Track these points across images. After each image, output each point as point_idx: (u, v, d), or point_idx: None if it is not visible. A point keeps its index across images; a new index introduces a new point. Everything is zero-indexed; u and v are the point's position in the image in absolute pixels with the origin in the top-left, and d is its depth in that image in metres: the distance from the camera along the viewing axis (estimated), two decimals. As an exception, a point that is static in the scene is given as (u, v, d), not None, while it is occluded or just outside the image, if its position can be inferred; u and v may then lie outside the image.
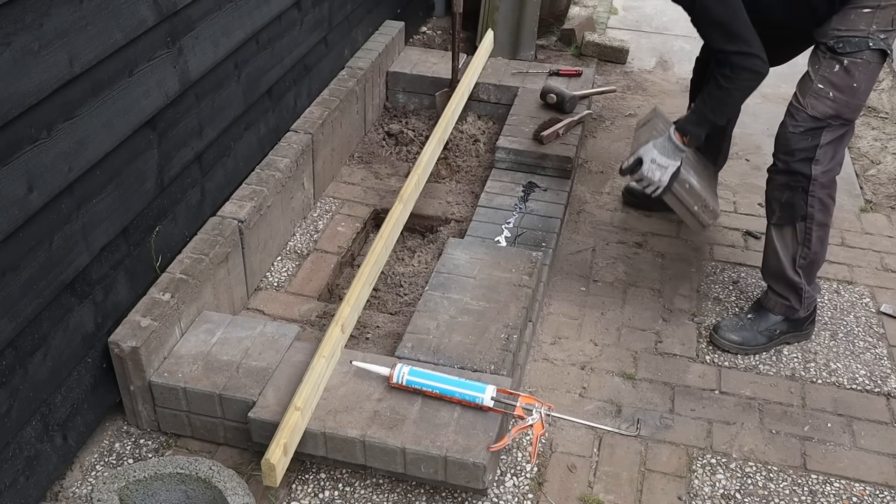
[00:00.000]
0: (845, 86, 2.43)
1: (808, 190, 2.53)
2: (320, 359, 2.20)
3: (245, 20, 2.62)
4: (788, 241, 2.64)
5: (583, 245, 3.22)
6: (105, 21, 1.94)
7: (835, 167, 2.55)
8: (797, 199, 2.56)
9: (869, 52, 2.40)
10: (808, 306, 2.72)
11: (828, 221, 2.62)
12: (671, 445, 2.39)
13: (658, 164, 2.62)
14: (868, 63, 2.42)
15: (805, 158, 2.50)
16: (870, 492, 2.28)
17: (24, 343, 1.88)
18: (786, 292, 2.70)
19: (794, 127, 2.50)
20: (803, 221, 2.58)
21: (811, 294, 2.71)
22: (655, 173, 2.62)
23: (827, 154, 2.51)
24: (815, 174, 2.51)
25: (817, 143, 2.48)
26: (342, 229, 3.17)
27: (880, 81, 4.69)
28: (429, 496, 2.19)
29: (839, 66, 2.42)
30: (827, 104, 2.45)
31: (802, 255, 2.63)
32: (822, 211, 2.57)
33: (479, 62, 3.83)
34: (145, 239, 2.30)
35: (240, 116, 2.71)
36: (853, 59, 2.40)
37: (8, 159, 1.72)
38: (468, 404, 2.16)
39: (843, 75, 2.42)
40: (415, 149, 3.69)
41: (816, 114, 2.46)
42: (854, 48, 2.39)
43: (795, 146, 2.50)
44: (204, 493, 2.00)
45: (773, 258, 2.69)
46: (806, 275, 2.67)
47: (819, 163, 2.50)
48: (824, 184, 2.54)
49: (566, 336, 2.78)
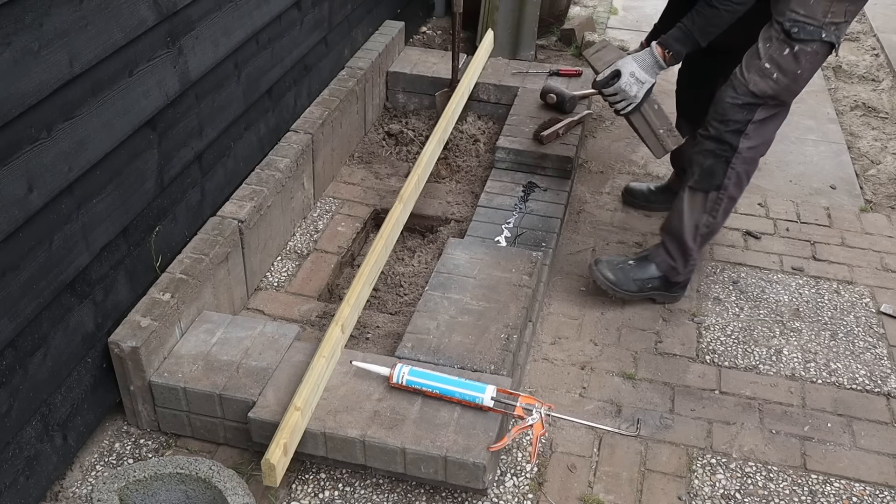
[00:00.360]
0: (790, 71, 2.49)
1: (730, 161, 2.60)
2: (320, 359, 2.20)
3: (245, 20, 2.62)
4: (698, 206, 2.71)
5: (583, 245, 3.22)
6: (105, 21, 1.94)
7: (761, 147, 2.63)
8: (718, 168, 2.62)
9: (819, 44, 2.46)
10: (689, 272, 2.81)
11: (737, 196, 2.71)
12: (671, 445, 2.39)
13: (637, 79, 2.63)
14: (816, 53, 2.48)
15: (736, 130, 2.56)
16: (870, 492, 2.28)
17: (24, 343, 1.88)
18: (676, 254, 2.78)
19: (734, 98, 2.55)
20: (717, 191, 2.65)
21: (695, 263, 2.80)
22: (633, 87, 2.63)
23: (758, 130, 2.58)
24: (741, 147, 2.58)
25: (751, 118, 2.55)
26: (342, 229, 3.17)
27: (880, 82, 4.69)
28: (429, 496, 2.19)
29: (789, 51, 2.46)
30: (769, 84, 2.51)
31: (706, 224, 2.72)
32: (737, 185, 2.66)
33: (479, 62, 3.83)
34: (145, 239, 2.30)
35: (240, 116, 2.71)
36: (804, 46, 2.45)
37: (8, 159, 1.72)
38: (468, 404, 2.16)
39: (791, 60, 2.47)
40: (415, 149, 3.69)
41: (757, 90, 2.52)
42: (808, 36, 2.44)
43: (731, 117, 2.56)
44: (204, 493, 2.00)
45: (676, 219, 2.76)
46: (702, 244, 2.76)
47: (748, 137, 2.57)
48: (746, 159, 2.61)
49: (566, 336, 2.78)
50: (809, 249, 3.24)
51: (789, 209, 3.49)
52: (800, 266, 3.14)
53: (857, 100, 4.49)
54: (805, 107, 4.39)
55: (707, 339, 2.78)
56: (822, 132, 4.15)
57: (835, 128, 4.19)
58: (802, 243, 3.28)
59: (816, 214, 3.46)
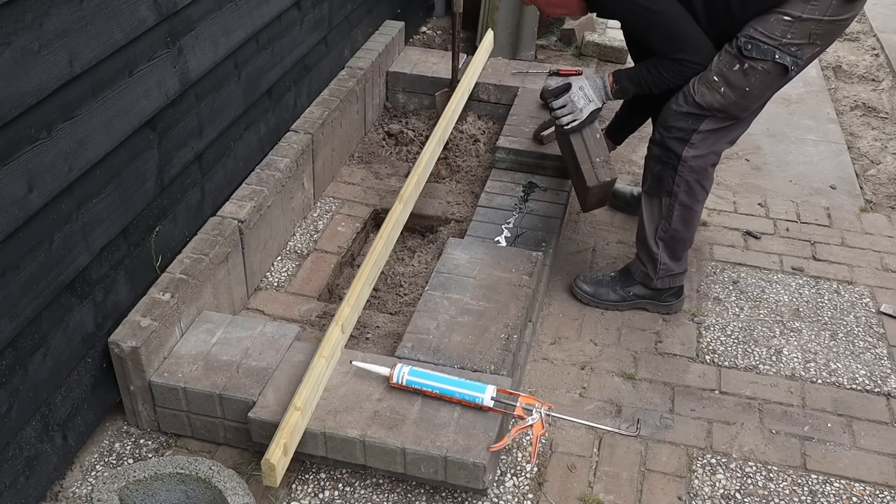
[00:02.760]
0: (738, 86, 2.46)
1: (676, 169, 2.59)
2: (320, 359, 2.20)
3: (245, 20, 2.62)
4: (654, 211, 2.72)
5: (583, 245, 3.22)
6: (105, 21, 1.94)
7: (710, 155, 2.59)
8: (666, 175, 2.62)
9: (771, 64, 2.42)
10: (665, 279, 2.80)
11: (693, 205, 2.67)
12: (671, 445, 2.39)
13: (585, 94, 2.68)
14: (767, 73, 2.44)
15: (679, 138, 2.55)
16: (870, 492, 2.28)
17: (24, 343, 1.88)
18: (645, 259, 2.79)
19: (678, 107, 2.55)
20: (668, 197, 2.65)
21: (670, 268, 2.77)
22: (580, 100, 2.68)
23: (705, 141, 2.56)
24: (685, 156, 2.56)
25: (696, 128, 2.53)
26: (342, 229, 3.17)
27: (880, 82, 4.69)
28: (429, 496, 2.19)
29: (739, 66, 2.44)
30: (716, 97, 2.49)
31: (663, 229, 2.71)
32: (688, 193, 2.63)
33: (479, 62, 3.83)
34: (145, 239, 2.30)
35: (240, 116, 2.71)
36: (754, 64, 2.43)
37: (8, 159, 1.72)
38: (468, 404, 2.16)
39: (740, 76, 2.45)
40: (415, 149, 3.69)
41: (703, 102, 2.51)
42: (759, 55, 2.41)
43: (674, 124, 2.55)
44: (204, 493, 2.00)
45: (640, 224, 2.79)
46: (666, 249, 2.74)
47: (693, 146, 2.55)
48: (694, 168, 2.58)
49: (566, 336, 2.78)
50: (809, 249, 3.24)
51: (789, 209, 3.49)
52: (800, 266, 3.14)
53: (857, 100, 4.50)
54: (805, 107, 4.39)
55: (707, 339, 2.78)
56: (822, 132, 4.15)
57: (835, 128, 4.19)
58: (802, 243, 3.28)
59: (816, 214, 3.46)
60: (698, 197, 2.66)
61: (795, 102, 4.43)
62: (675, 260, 2.77)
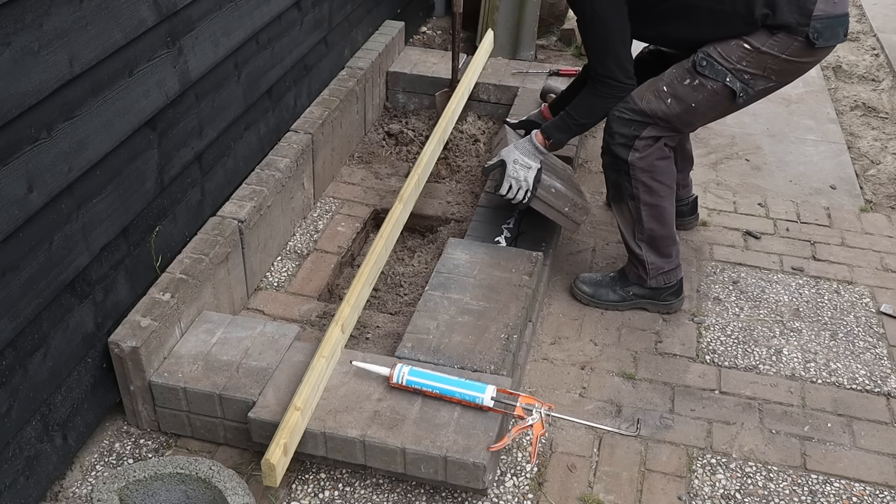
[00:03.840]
0: (685, 101, 2.51)
1: (629, 173, 2.62)
2: (320, 359, 2.20)
3: (245, 20, 2.62)
4: (626, 216, 2.75)
5: (583, 245, 3.22)
6: (105, 21, 1.94)
7: (656, 152, 2.62)
8: (622, 181, 2.66)
9: (721, 86, 2.46)
10: (658, 277, 2.81)
11: (658, 202, 2.69)
12: (671, 445, 2.39)
13: (521, 164, 2.71)
14: (715, 94, 2.48)
15: (624, 144, 2.58)
16: (870, 492, 2.28)
17: (24, 343, 1.88)
18: (634, 261, 2.82)
19: (620, 112, 2.57)
20: (632, 200, 2.68)
21: (660, 266, 2.79)
22: (520, 172, 2.71)
23: (648, 146, 2.59)
24: (632, 160, 2.59)
25: (638, 134, 2.57)
26: (342, 229, 3.17)
27: (880, 82, 4.69)
28: (429, 496, 2.19)
29: (689, 81, 2.48)
30: (661, 106, 2.52)
31: (639, 231, 2.74)
32: (648, 192, 2.66)
33: (479, 62, 3.83)
34: (145, 239, 2.30)
35: (240, 116, 2.71)
36: (704, 82, 2.47)
37: (8, 159, 1.72)
38: (468, 404, 2.16)
39: (689, 91, 2.49)
40: (415, 149, 3.69)
41: (647, 109, 2.53)
42: (712, 74, 2.45)
43: (617, 129, 2.58)
44: (204, 493, 2.00)
45: (619, 230, 2.82)
46: (650, 248, 2.76)
47: (638, 150, 2.58)
48: (644, 168, 2.61)
49: (566, 336, 2.78)
50: (809, 249, 3.24)
51: (789, 209, 3.49)
52: (800, 266, 3.14)
53: (857, 100, 4.49)
54: (805, 107, 4.39)
55: (707, 339, 2.78)
56: (822, 132, 4.15)
57: (835, 128, 4.19)
58: (802, 243, 3.28)
59: (816, 214, 3.46)
60: (660, 193, 2.68)
61: (795, 102, 4.43)
62: (663, 257, 2.78)
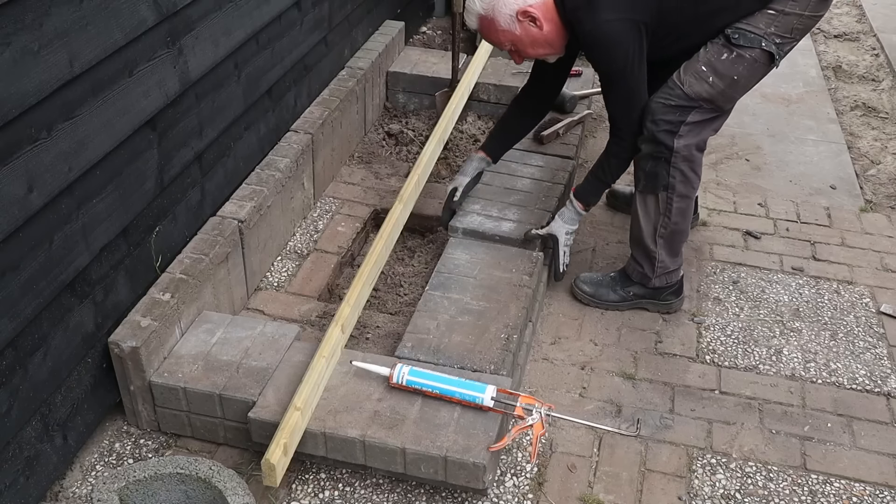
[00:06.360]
0: (726, 75, 2.51)
1: (670, 161, 2.61)
2: (320, 359, 2.20)
3: (245, 20, 2.62)
4: (651, 210, 2.73)
5: (583, 245, 3.21)
6: (105, 21, 1.94)
7: (699, 143, 2.64)
8: (660, 170, 2.64)
9: (759, 52, 2.49)
10: (662, 277, 2.81)
11: (689, 194, 2.70)
12: (671, 445, 2.39)
13: (571, 234, 2.81)
14: (754, 61, 2.51)
15: (668, 131, 2.58)
16: (870, 492, 2.28)
17: (24, 343, 1.88)
18: (641, 259, 2.81)
19: (666, 99, 2.57)
20: (665, 191, 2.67)
21: (667, 265, 2.79)
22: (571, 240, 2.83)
23: (692, 132, 2.59)
24: (677, 147, 2.59)
25: (684, 119, 2.57)
26: (342, 229, 3.17)
27: (880, 82, 4.69)
28: (429, 496, 2.19)
29: (727, 55, 2.50)
30: (704, 87, 2.53)
31: (663, 225, 2.73)
32: (684, 183, 2.66)
33: (479, 62, 3.82)
34: (145, 239, 2.30)
35: (240, 116, 2.71)
36: (742, 52, 2.49)
37: (8, 159, 1.72)
38: (468, 404, 2.16)
39: (728, 64, 2.50)
40: (415, 149, 3.69)
41: (691, 93, 2.54)
42: (747, 42, 2.47)
43: (662, 117, 2.57)
44: (204, 493, 2.00)
45: (635, 225, 2.80)
46: (666, 245, 2.76)
47: (682, 137, 2.59)
48: (686, 157, 2.62)
49: (566, 336, 2.78)
50: (809, 249, 3.24)
51: (789, 209, 3.49)
52: (800, 266, 3.14)
53: (857, 100, 4.50)
54: (805, 107, 4.39)
55: (707, 339, 2.78)
56: (822, 132, 4.15)
57: (835, 128, 4.19)
58: (802, 243, 3.28)
59: (816, 214, 3.46)
60: (693, 184, 2.69)
61: (795, 102, 4.43)
62: (672, 256, 2.78)
